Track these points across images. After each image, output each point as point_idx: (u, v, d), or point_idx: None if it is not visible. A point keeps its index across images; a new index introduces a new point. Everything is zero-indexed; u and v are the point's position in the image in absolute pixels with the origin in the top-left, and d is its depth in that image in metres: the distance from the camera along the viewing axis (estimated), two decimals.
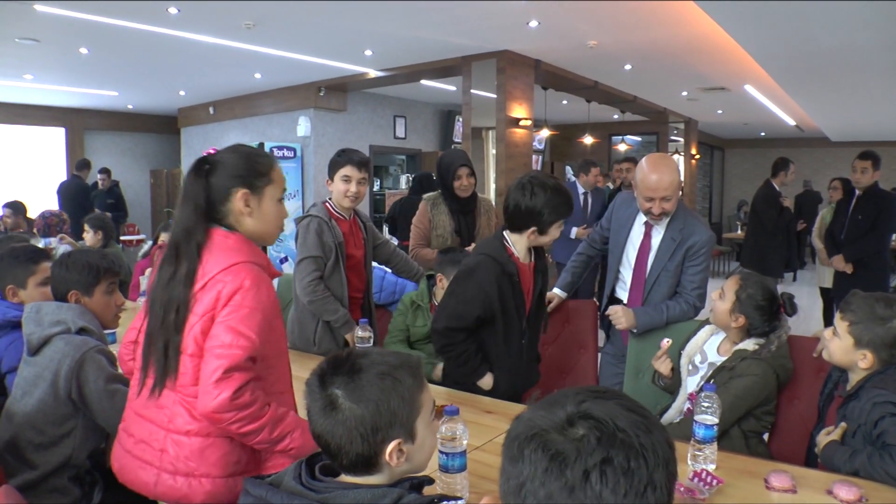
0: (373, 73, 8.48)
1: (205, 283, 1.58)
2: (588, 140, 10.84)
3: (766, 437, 2.41)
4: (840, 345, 1.98)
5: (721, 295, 2.36)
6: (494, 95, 7.42)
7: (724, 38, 5.91)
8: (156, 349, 1.60)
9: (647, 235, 2.82)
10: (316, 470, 1.17)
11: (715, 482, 1.67)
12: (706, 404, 1.80)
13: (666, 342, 2.43)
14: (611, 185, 6.98)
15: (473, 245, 3.55)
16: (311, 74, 8.72)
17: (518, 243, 2.45)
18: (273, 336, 1.65)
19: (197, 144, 11.66)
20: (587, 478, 0.73)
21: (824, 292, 6.45)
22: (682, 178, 12.71)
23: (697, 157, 13.49)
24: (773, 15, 4.71)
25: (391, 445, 1.15)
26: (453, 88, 9.32)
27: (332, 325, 2.97)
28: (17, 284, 2.37)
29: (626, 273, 2.90)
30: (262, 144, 9.14)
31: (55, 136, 11.47)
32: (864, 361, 1.92)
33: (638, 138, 14.20)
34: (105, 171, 9.34)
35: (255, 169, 1.71)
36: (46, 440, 1.97)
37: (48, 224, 5.49)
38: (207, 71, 8.35)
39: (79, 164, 9.09)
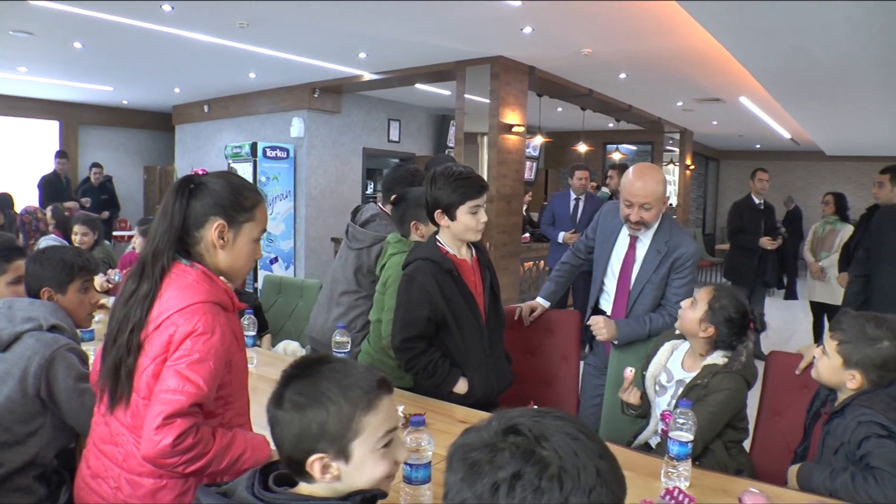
0: (367, 76, 8.46)
1: (159, 322, 1.53)
2: (582, 148, 10.85)
3: (746, 445, 2.39)
4: (829, 364, 1.94)
5: (693, 303, 2.33)
6: (488, 101, 7.42)
7: (719, 50, 5.92)
8: (106, 367, 1.57)
9: (632, 247, 2.81)
10: (270, 479, 1.15)
11: (686, 500, 1.65)
12: (681, 421, 1.78)
13: (629, 371, 2.38)
14: (607, 191, 6.98)
15: None
16: (306, 75, 8.70)
17: (447, 239, 2.45)
18: (232, 375, 1.61)
19: (190, 142, 11.64)
20: (496, 490, 0.72)
21: (814, 306, 6.47)
22: (677, 189, 12.81)
23: (692, 167, 13.51)
24: (768, 27, 4.71)
25: (312, 458, 1.13)
26: (448, 93, 9.32)
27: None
28: None
29: (610, 284, 2.89)
30: (255, 144, 9.12)
31: (49, 130, 11.42)
32: (852, 382, 1.89)
33: (633, 147, 14.23)
34: (97, 166, 9.29)
35: (239, 202, 1.64)
36: (12, 438, 1.93)
37: (23, 222, 5.43)
38: (202, 69, 8.31)
39: (56, 155, 8.98)
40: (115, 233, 9.68)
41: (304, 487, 1.17)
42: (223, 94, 10.48)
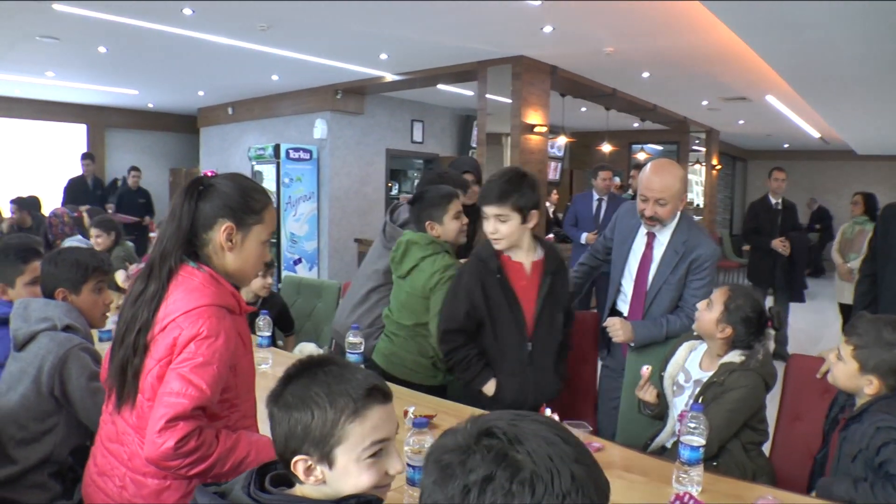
0: (389, 77, 8.47)
1: (165, 325, 1.53)
2: (606, 148, 10.77)
3: (766, 449, 2.36)
4: (845, 369, 1.91)
5: (709, 304, 2.30)
6: (510, 101, 7.39)
7: (744, 47, 5.82)
8: (113, 367, 1.58)
9: (649, 247, 2.77)
10: (267, 480, 1.15)
11: None
12: (693, 425, 1.75)
13: (646, 369, 2.37)
14: (631, 193, 6.93)
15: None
16: (328, 77, 8.74)
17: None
18: (238, 378, 1.61)
19: (215, 144, 11.76)
20: (467, 493, 0.70)
21: (844, 309, 6.34)
22: (703, 189, 12.64)
23: (718, 167, 13.33)
24: (790, 21, 4.62)
25: (296, 458, 1.14)
26: (471, 93, 9.28)
27: None
28: (5, 283, 2.37)
29: (627, 285, 2.85)
30: (278, 146, 9.18)
31: (77, 133, 11.63)
32: (870, 387, 1.85)
33: (659, 147, 14.08)
34: (136, 170, 9.27)
35: (248, 205, 1.63)
36: (28, 436, 1.96)
37: (51, 224, 5.52)
38: (225, 71, 8.40)
39: (82, 157, 9.02)
40: (150, 234, 9.74)
41: (298, 489, 1.16)
42: (247, 97, 10.57)
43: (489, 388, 2.46)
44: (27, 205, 6.48)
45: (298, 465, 1.14)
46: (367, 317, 3.13)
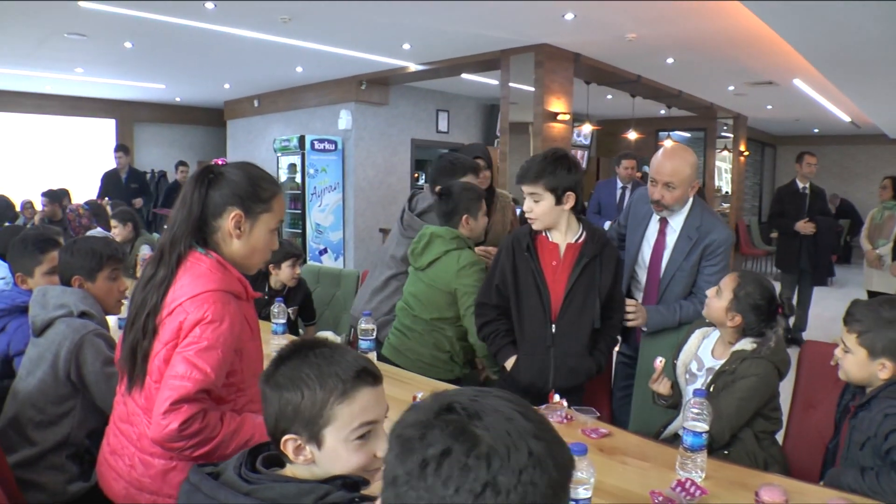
0: (413, 67, 8.48)
1: (172, 308, 1.57)
2: (632, 135, 10.66)
3: (780, 438, 2.33)
4: (854, 360, 1.87)
5: (718, 292, 2.27)
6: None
7: (769, 31, 5.70)
8: (125, 350, 1.63)
9: (662, 233, 2.74)
10: (259, 460, 1.18)
11: (698, 493, 1.60)
12: (696, 411, 1.74)
13: (659, 361, 2.34)
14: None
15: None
16: (352, 68, 8.77)
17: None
18: (243, 363, 1.64)
19: (241, 136, 11.90)
20: (424, 467, 0.71)
21: (871, 296, 6.22)
22: (730, 176, 12.41)
23: (746, 153, 13.11)
24: (817, 6, 4.52)
25: (286, 437, 1.16)
26: (496, 82, 9.25)
27: None
28: (25, 273, 2.45)
29: (641, 272, 2.83)
30: (303, 137, 9.26)
31: (106, 128, 11.86)
32: (883, 371, 1.82)
33: (687, 134, 13.89)
34: (183, 164, 9.31)
35: (256, 193, 1.67)
36: (46, 419, 2.02)
37: (69, 219, 5.63)
38: (250, 64, 8.48)
39: (115, 149, 8.87)
40: None
41: (288, 469, 1.19)
42: (272, 89, 10.67)
43: (509, 364, 2.48)
44: (58, 197, 6.62)
45: (288, 444, 1.16)
46: (387, 304, 3.15)
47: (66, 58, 7.99)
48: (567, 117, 7.52)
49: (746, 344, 2.22)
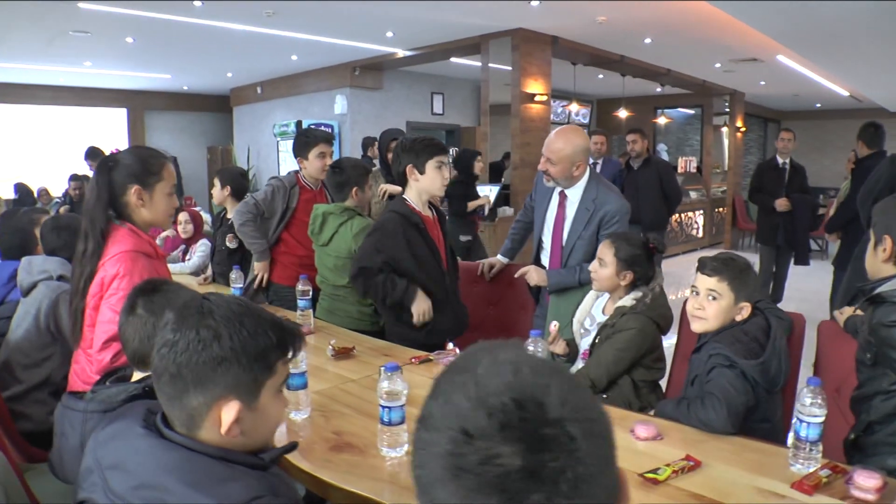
0: (401, 53, 8.83)
1: (97, 269, 1.98)
2: (623, 114, 10.88)
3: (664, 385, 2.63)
4: (723, 305, 2.07)
5: (601, 262, 2.55)
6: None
7: None
8: (70, 310, 2.06)
9: (562, 206, 3.05)
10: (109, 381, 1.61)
11: None
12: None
13: (554, 326, 2.63)
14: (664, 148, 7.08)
15: None
16: (345, 55, 9.13)
17: (413, 197, 2.84)
18: None
19: (247, 122, 12.36)
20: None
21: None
22: (727, 153, 12.24)
23: (743, 129, 13.18)
24: None
25: None
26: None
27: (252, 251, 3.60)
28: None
29: (547, 241, 3.15)
30: (300, 122, 9.69)
31: (118, 117, 12.38)
32: (741, 315, 2.06)
33: (690, 111, 14.00)
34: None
35: (147, 168, 2.05)
36: (30, 362, 2.50)
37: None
38: (248, 54, 8.89)
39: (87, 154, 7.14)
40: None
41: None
42: (273, 77, 11.09)
43: (420, 303, 2.76)
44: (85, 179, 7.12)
45: None
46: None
47: (75, 53, 8.48)
48: (545, 98, 7.84)
49: (627, 300, 2.49)
